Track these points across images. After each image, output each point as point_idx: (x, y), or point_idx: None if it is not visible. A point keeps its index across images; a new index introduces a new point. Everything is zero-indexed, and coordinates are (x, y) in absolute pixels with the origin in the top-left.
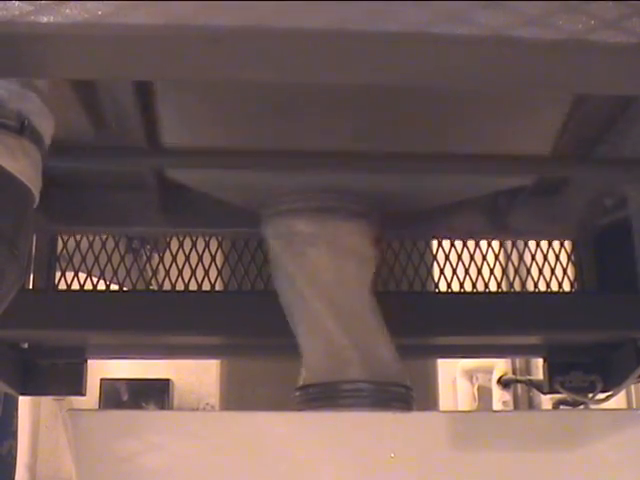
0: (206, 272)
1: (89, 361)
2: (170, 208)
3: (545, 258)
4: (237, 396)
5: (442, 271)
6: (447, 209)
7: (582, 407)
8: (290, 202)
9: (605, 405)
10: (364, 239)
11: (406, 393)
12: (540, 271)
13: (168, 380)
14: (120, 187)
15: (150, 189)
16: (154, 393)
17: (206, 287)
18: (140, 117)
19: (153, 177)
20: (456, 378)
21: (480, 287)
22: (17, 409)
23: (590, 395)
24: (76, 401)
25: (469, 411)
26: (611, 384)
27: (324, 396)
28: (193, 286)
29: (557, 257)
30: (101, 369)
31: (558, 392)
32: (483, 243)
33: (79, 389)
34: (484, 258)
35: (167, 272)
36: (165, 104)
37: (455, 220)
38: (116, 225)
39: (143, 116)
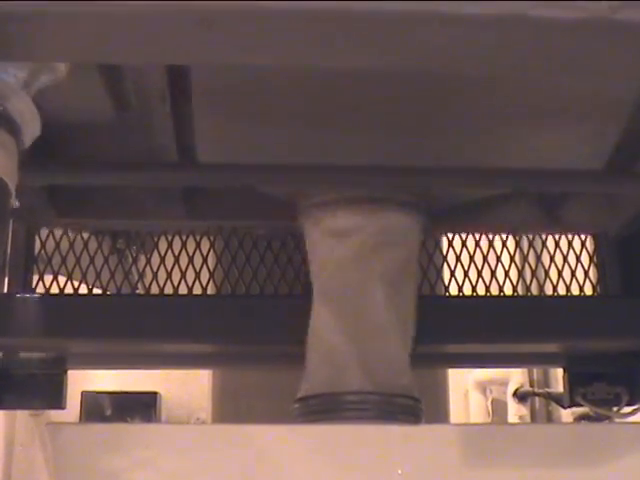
0: (197, 274)
1: (69, 372)
2: (190, 198)
3: (565, 259)
4: (231, 409)
5: (453, 273)
6: (493, 201)
7: (606, 421)
8: (327, 193)
9: (631, 419)
10: (411, 231)
11: (414, 405)
12: (559, 273)
13: (155, 393)
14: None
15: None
16: (140, 407)
17: (197, 291)
18: (170, 120)
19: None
20: (468, 391)
21: (494, 290)
22: None
23: (615, 408)
24: (55, 416)
25: (483, 423)
26: (638, 396)
27: (325, 408)
28: (183, 290)
29: (578, 258)
30: (82, 381)
31: (580, 405)
32: (497, 242)
33: (58, 402)
34: (498, 259)
35: (155, 274)
36: (200, 115)
37: (502, 212)
38: (129, 217)
39: (174, 120)
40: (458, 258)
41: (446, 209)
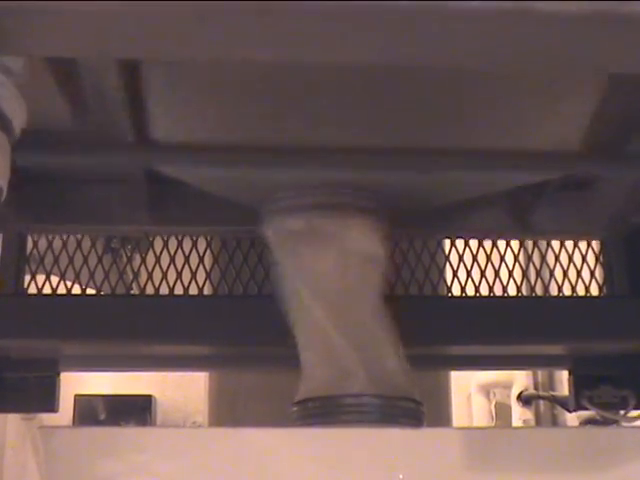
0: (193, 274)
1: (62, 374)
2: (157, 204)
3: (570, 259)
4: (228, 413)
5: (455, 273)
6: (463, 206)
7: (613, 426)
8: (292, 197)
9: (639, 423)
10: (372, 238)
11: (416, 408)
12: (565, 273)
13: (150, 396)
14: (100, 180)
15: (134, 183)
16: (135, 411)
17: (193, 291)
18: (126, 104)
19: (140, 171)
20: (471, 394)
21: (498, 291)
22: None
23: (622, 412)
24: (47, 419)
25: (486, 427)
26: None
27: (324, 411)
28: (179, 290)
29: (584, 258)
30: (75, 384)
31: (585, 409)
32: (501, 242)
33: (51, 405)
34: (502, 259)
35: (150, 274)
36: (156, 94)
37: (472, 218)
38: (95, 224)
39: (130, 104)
40: (461, 258)
41: (411, 216)
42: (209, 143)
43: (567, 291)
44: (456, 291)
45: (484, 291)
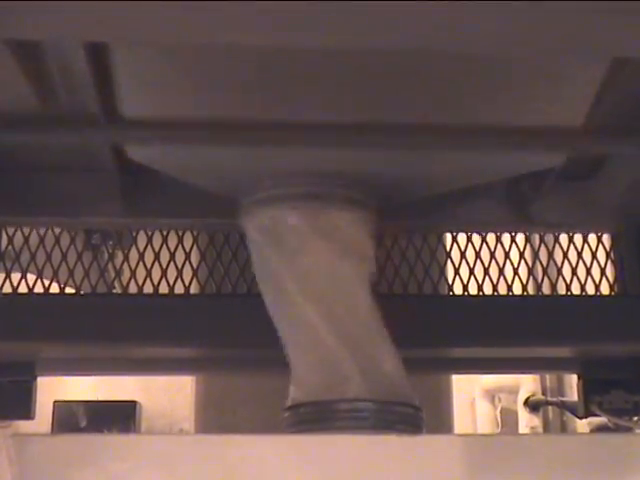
0: (179, 272)
1: (39, 379)
2: (131, 195)
3: (579, 255)
4: (215, 419)
5: (457, 271)
6: (459, 197)
7: (625, 432)
8: (274, 187)
9: None
10: (362, 232)
11: (414, 414)
12: (573, 271)
13: (134, 402)
14: (71, 170)
15: (108, 172)
16: (118, 418)
17: (179, 290)
18: (95, 86)
19: (111, 158)
20: (475, 399)
21: (502, 290)
22: None
23: (635, 418)
24: (24, 427)
25: (490, 434)
26: None
27: (318, 417)
28: (164, 289)
29: (594, 254)
30: (54, 389)
31: (596, 415)
32: (506, 238)
33: (27, 412)
34: (507, 255)
35: (133, 272)
36: (124, 68)
37: (469, 210)
38: (65, 215)
39: (99, 85)
40: (463, 254)
41: (399, 207)
42: (182, 120)
43: (576, 290)
44: (458, 290)
45: (487, 290)
